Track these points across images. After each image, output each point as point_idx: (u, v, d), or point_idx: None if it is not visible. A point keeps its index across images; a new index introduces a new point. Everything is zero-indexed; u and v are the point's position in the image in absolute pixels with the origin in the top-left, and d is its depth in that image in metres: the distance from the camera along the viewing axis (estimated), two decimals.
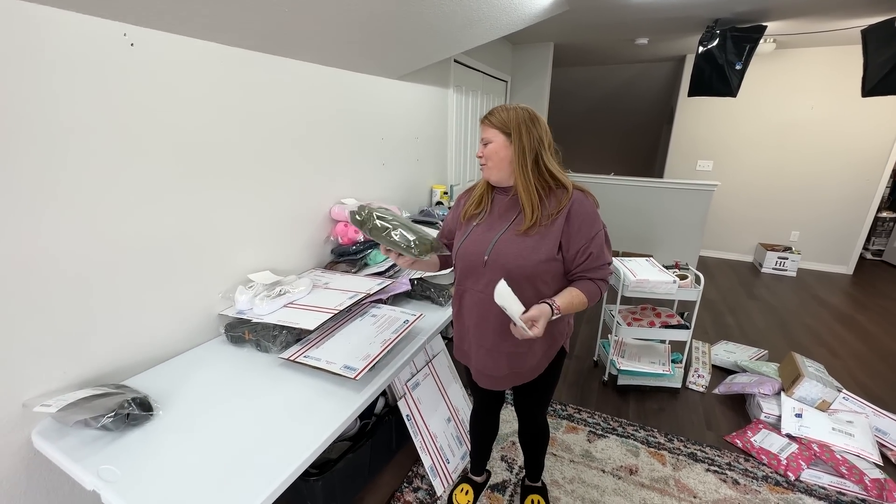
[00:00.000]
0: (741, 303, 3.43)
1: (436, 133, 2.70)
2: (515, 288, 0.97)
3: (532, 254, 1.00)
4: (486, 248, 1.04)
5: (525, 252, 1.00)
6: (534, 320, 0.93)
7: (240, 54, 1.30)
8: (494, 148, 1.04)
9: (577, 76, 5.44)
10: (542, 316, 0.94)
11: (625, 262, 2.20)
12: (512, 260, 1.00)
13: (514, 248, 1.01)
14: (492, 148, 1.04)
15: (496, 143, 1.03)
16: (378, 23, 1.51)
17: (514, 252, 1.01)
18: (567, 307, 1.00)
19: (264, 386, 1.10)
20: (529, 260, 1.00)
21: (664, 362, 2.15)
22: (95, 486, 0.79)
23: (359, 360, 1.14)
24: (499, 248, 1.03)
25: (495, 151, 1.04)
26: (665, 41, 3.74)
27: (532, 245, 1.00)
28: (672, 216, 3.80)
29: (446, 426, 1.66)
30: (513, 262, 1.00)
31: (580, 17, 2.96)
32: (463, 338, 1.19)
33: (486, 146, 1.05)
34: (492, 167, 1.06)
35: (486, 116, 1.05)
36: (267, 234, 1.52)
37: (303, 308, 1.33)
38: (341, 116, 1.80)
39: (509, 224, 1.05)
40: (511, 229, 1.04)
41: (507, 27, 2.23)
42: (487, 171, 1.07)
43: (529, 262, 1.00)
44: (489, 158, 1.05)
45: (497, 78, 3.61)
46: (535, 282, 1.01)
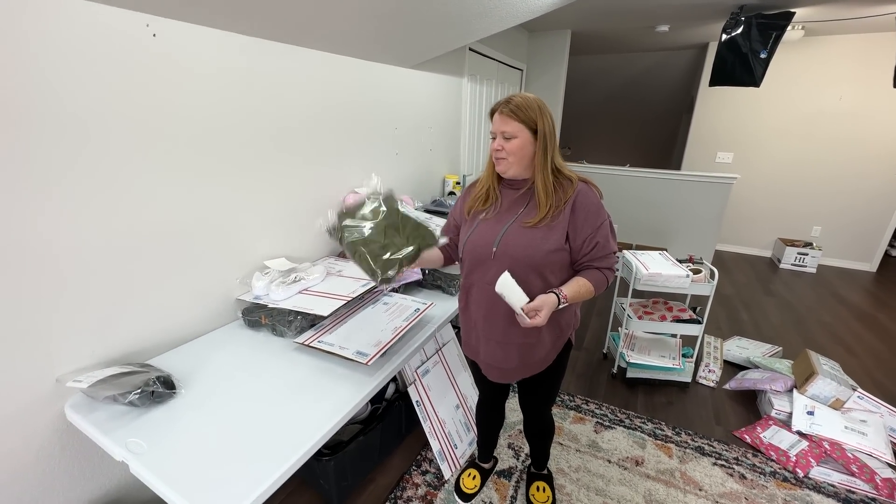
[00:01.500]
0: (757, 299, 3.37)
1: (449, 122, 2.69)
2: (523, 278, 0.99)
3: (541, 244, 1.00)
4: (493, 240, 1.04)
5: (534, 242, 1.01)
6: (537, 309, 0.95)
7: (256, 44, 1.32)
8: (519, 144, 1.00)
9: (593, 65, 5.32)
10: (545, 305, 0.95)
11: (638, 255, 2.18)
12: (521, 251, 1.01)
13: (523, 239, 1.02)
14: (516, 144, 1.00)
15: (521, 139, 1.00)
16: (393, 11, 1.51)
17: (522, 243, 1.01)
18: (574, 296, 1.01)
19: (280, 368, 1.14)
20: (538, 250, 1.00)
21: (674, 356, 2.14)
22: (124, 457, 0.84)
23: (371, 347, 1.17)
24: (507, 239, 1.03)
25: (520, 147, 1.00)
26: (687, 28, 3.62)
27: (540, 236, 1.01)
28: (689, 209, 3.73)
29: (455, 413, 1.70)
30: (522, 252, 1.01)
31: (599, 4, 2.89)
32: (470, 332, 1.19)
33: (509, 141, 1.00)
34: (513, 163, 1.02)
35: (509, 108, 0.99)
36: (282, 222, 1.56)
37: (317, 295, 1.36)
38: (356, 106, 1.81)
39: (516, 216, 1.05)
40: (518, 221, 1.04)
41: (524, 14, 2.19)
42: (505, 165, 1.03)
43: (538, 252, 1.00)
44: (512, 154, 1.01)
45: (513, 66, 3.55)
46: (543, 272, 1.02)
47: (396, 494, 1.52)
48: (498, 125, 1.02)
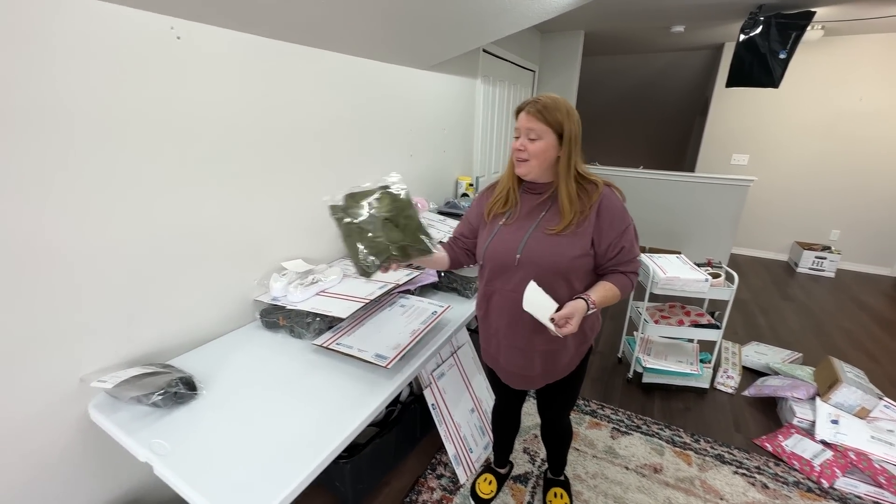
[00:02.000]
0: (774, 303, 3.31)
1: (462, 124, 2.68)
2: (548, 285, 0.97)
3: (566, 250, 0.99)
4: (516, 246, 1.02)
5: (559, 248, 0.99)
6: (568, 318, 0.93)
7: (275, 46, 1.32)
8: (543, 147, 0.97)
9: (606, 65, 5.28)
10: (576, 312, 0.94)
11: (654, 258, 2.15)
12: (547, 257, 0.99)
13: (548, 245, 0.99)
14: (540, 146, 0.97)
15: (546, 141, 0.97)
16: (410, 13, 1.51)
17: (547, 249, 0.99)
18: (601, 301, 0.99)
19: (299, 371, 1.14)
20: (563, 256, 0.98)
21: (692, 362, 2.11)
22: (148, 458, 0.84)
23: (389, 349, 1.17)
24: (531, 245, 1.01)
25: (543, 150, 0.97)
26: (703, 29, 3.58)
27: (566, 242, 0.99)
28: (703, 212, 3.68)
29: (470, 416, 1.68)
30: (547, 259, 0.99)
31: (614, 5, 2.87)
32: (490, 339, 1.17)
33: (533, 142, 0.97)
34: (534, 165, 0.99)
35: (536, 108, 0.95)
36: (299, 224, 1.56)
37: (334, 296, 1.36)
38: (371, 107, 1.81)
39: (538, 222, 1.02)
40: (541, 227, 1.01)
41: (539, 15, 2.17)
42: (526, 167, 1.00)
43: (563, 258, 0.98)
44: (534, 156, 0.98)
45: (525, 68, 3.54)
46: (568, 278, 1.00)
47: (412, 498, 1.51)
48: (523, 123, 0.98)
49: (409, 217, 1.00)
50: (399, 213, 0.99)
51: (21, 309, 0.87)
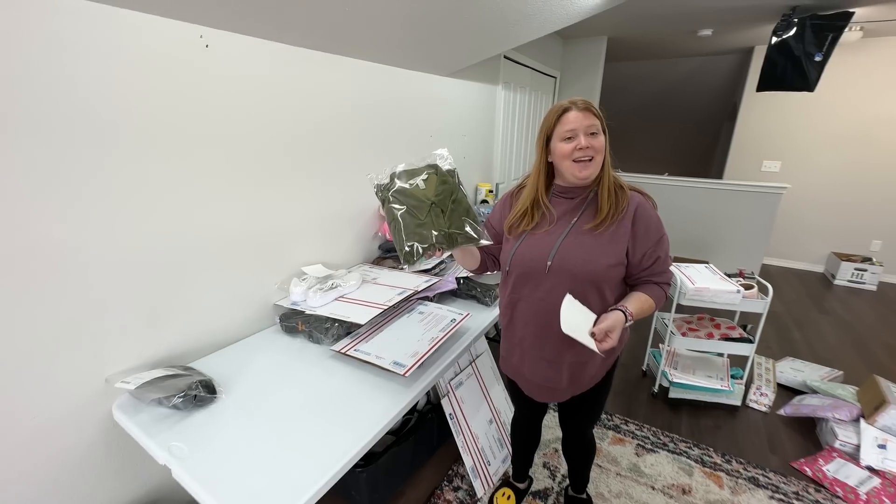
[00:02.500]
0: (810, 317, 3.14)
1: (482, 130, 2.67)
2: (581, 295, 0.93)
3: (601, 257, 0.94)
4: (548, 252, 0.97)
5: (594, 255, 0.94)
6: (609, 331, 0.89)
7: (299, 53, 1.34)
8: (603, 142, 0.94)
9: (630, 71, 5.19)
10: (617, 325, 0.90)
11: (682, 268, 2.07)
12: (580, 265, 0.94)
13: (582, 251, 0.95)
14: (602, 141, 0.93)
15: (602, 136, 0.94)
16: (432, 20, 1.51)
17: (581, 256, 0.94)
18: (639, 313, 0.95)
19: (317, 376, 1.13)
20: (598, 264, 0.94)
21: (722, 377, 2.01)
22: (167, 461, 0.84)
23: (408, 357, 1.14)
24: (564, 251, 0.96)
25: (602, 144, 0.94)
26: (731, 32, 3.47)
27: (601, 248, 0.95)
28: (733, 220, 3.54)
29: (488, 427, 1.64)
30: (581, 266, 0.94)
31: (638, 9, 2.82)
32: (513, 349, 1.13)
33: (595, 137, 0.92)
34: (598, 162, 0.94)
35: (589, 106, 0.93)
36: (319, 229, 1.57)
37: (353, 302, 1.35)
38: (392, 113, 1.82)
39: (571, 226, 0.98)
40: (574, 231, 0.97)
41: (561, 21, 2.15)
42: (593, 166, 0.94)
43: (598, 266, 0.94)
44: (599, 152, 0.93)
45: (546, 74, 3.51)
46: (601, 287, 0.96)
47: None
48: (580, 121, 0.92)
49: (457, 201, 0.94)
50: (447, 197, 0.93)
51: (48, 311, 0.89)
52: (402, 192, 0.92)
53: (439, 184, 0.93)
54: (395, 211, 0.91)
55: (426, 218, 0.90)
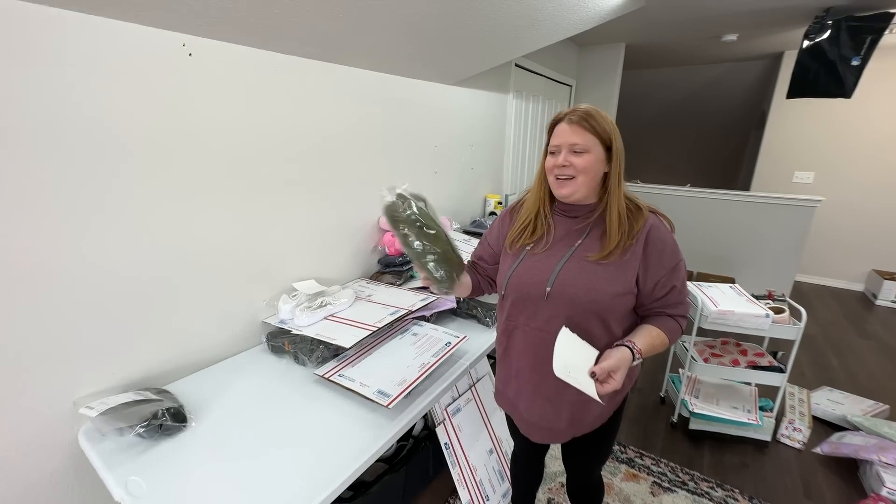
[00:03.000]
0: (849, 341, 2.89)
1: (492, 141, 2.59)
2: (582, 327, 0.83)
3: (607, 285, 0.83)
4: (547, 276, 0.87)
5: (599, 284, 0.84)
6: (612, 371, 0.78)
7: (291, 62, 1.29)
8: (591, 161, 0.83)
9: (650, 79, 5.03)
10: (622, 364, 0.79)
11: (703, 287, 1.91)
12: (583, 293, 0.84)
13: (585, 278, 0.85)
14: (588, 160, 0.83)
15: (594, 154, 0.83)
16: (432, 27, 1.44)
17: (584, 283, 0.84)
18: (648, 350, 0.84)
19: (297, 403, 1.06)
20: (603, 293, 0.83)
21: (749, 408, 1.83)
22: (122, 498, 0.78)
23: (394, 385, 1.06)
24: (565, 277, 0.86)
25: (591, 165, 0.84)
26: (758, 37, 3.30)
27: (607, 276, 0.84)
28: (762, 235, 3.32)
29: (488, 458, 1.53)
30: (584, 295, 0.84)
31: (658, 14, 2.70)
32: (509, 382, 1.02)
33: (579, 156, 0.83)
34: (581, 183, 0.85)
35: (580, 117, 0.83)
36: (315, 243, 1.51)
37: (343, 322, 1.28)
38: (393, 124, 1.76)
39: (574, 248, 0.88)
40: (578, 255, 0.87)
41: (573, 27, 2.06)
42: (571, 186, 0.85)
43: (603, 295, 0.83)
44: (582, 172, 0.84)
45: (561, 83, 3.41)
46: (606, 319, 0.86)
47: None
48: (566, 136, 0.84)
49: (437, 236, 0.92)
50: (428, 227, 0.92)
51: (12, 327, 0.85)
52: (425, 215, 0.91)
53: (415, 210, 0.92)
54: (427, 234, 0.90)
55: (447, 245, 0.92)
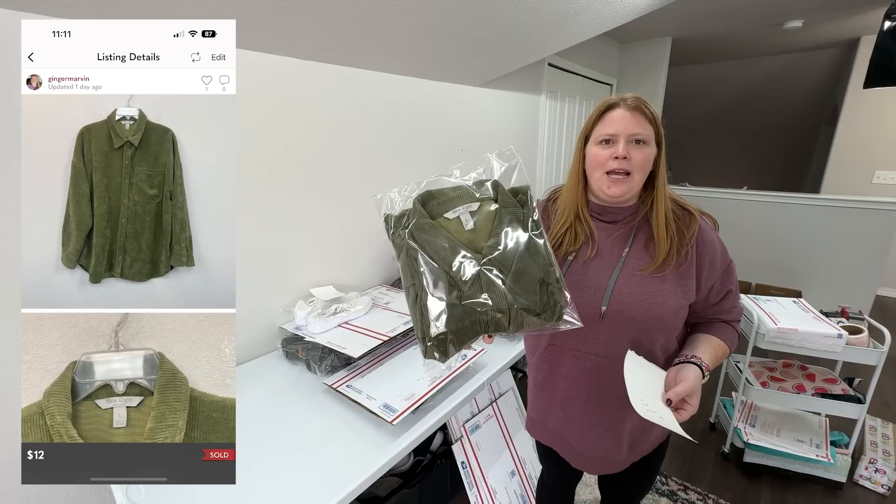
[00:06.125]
0: None
1: (524, 143, 2.49)
2: (645, 348, 0.74)
3: (670, 298, 0.73)
4: (601, 294, 0.76)
5: (661, 298, 0.73)
6: (689, 395, 0.68)
7: (312, 67, 1.29)
8: (650, 155, 0.73)
9: (701, 75, 4.69)
10: (697, 386, 0.69)
11: (761, 302, 1.70)
12: (645, 310, 0.73)
13: (645, 293, 0.74)
14: (648, 154, 0.73)
15: (651, 147, 0.73)
16: (452, 25, 1.39)
17: (645, 299, 0.73)
18: (713, 363, 0.76)
19: (304, 413, 1.03)
20: (668, 308, 0.73)
21: (819, 443, 1.59)
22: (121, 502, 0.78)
23: (402, 400, 1.00)
24: (621, 293, 0.75)
25: (648, 160, 0.73)
26: (828, 22, 2.96)
27: (667, 288, 0.74)
28: (835, 243, 2.94)
29: (509, 480, 1.43)
30: (646, 312, 0.73)
31: (707, 2, 2.49)
32: (551, 413, 0.90)
33: (639, 147, 0.72)
34: (637, 182, 0.74)
35: (644, 104, 0.73)
36: (335, 248, 1.50)
37: (356, 330, 1.24)
38: (416, 127, 1.73)
39: (622, 260, 0.77)
40: (629, 267, 0.76)
41: (609, 21, 1.93)
42: (626, 184, 0.73)
43: (668, 311, 0.73)
44: (640, 168, 0.72)
45: (600, 82, 3.25)
46: (666, 334, 0.77)
47: None
48: (625, 125, 0.72)
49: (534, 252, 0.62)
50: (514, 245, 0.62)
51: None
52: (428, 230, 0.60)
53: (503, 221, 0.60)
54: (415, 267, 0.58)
55: (471, 288, 0.56)
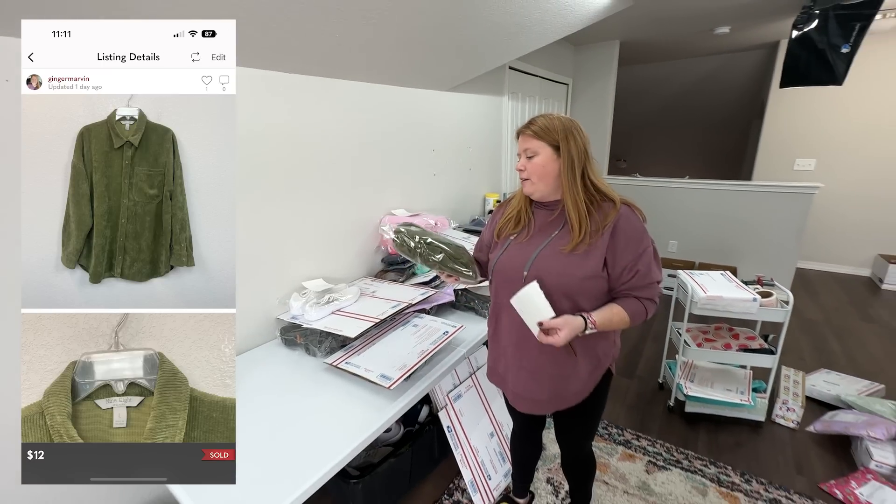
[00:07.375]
0: (851, 325, 2.91)
1: (489, 142, 2.68)
2: (555, 304, 0.94)
3: (576, 270, 0.95)
4: (525, 262, 1.00)
5: (569, 268, 0.95)
6: (557, 328, 0.90)
7: (297, 79, 1.41)
8: (541, 161, 0.97)
9: (647, 74, 5.07)
10: (567, 325, 0.91)
11: (695, 275, 1.98)
12: (554, 277, 0.96)
13: (557, 263, 0.97)
14: (538, 162, 0.97)
15: (543, 155, 0.97)
16: (423, 38, 1.55)
17: (556, 268, 0.96)
18: (604, 323, 0.94)
19: (308, 388, 1.17)
20: (572, 277, 0.95)
21: (743, 390, 1.90)
22: None
23: (395, 370, 1.17)
24: (539, 263, 0.98)
25: (541, 165, 0.97)
26: (750, 28, 3.34)
27: (576, 261, 0.95)
28: (762, 224, 3.35)
29: (489, 441, 1.63)
30: (555, 278, 0.96)
31: (648, 11, 2.77)
32: (498, 359, 1.14)
33: (531, 159, 0.98)
34: (536, 182, 0.99)
35: (527, 127, 0.99)
36: (323, 245, 1.63)
37: (349, 316, 1.39)
38: (393, 130, 1.87)
39: (550, 238, 1.00)
40: (553, 244, 0.99)
41: (562, 30, 2.15)
42: (530, 186, 1.01)
43: (572, 279, 0.95)
44: (534, 173, 0.99)
45: (557, 82, 3.49)
46: (575, 299, 0.97)
47: None
48: (520, 144, 1.01)
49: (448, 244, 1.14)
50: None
51: None
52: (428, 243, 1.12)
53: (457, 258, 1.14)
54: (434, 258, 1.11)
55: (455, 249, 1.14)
